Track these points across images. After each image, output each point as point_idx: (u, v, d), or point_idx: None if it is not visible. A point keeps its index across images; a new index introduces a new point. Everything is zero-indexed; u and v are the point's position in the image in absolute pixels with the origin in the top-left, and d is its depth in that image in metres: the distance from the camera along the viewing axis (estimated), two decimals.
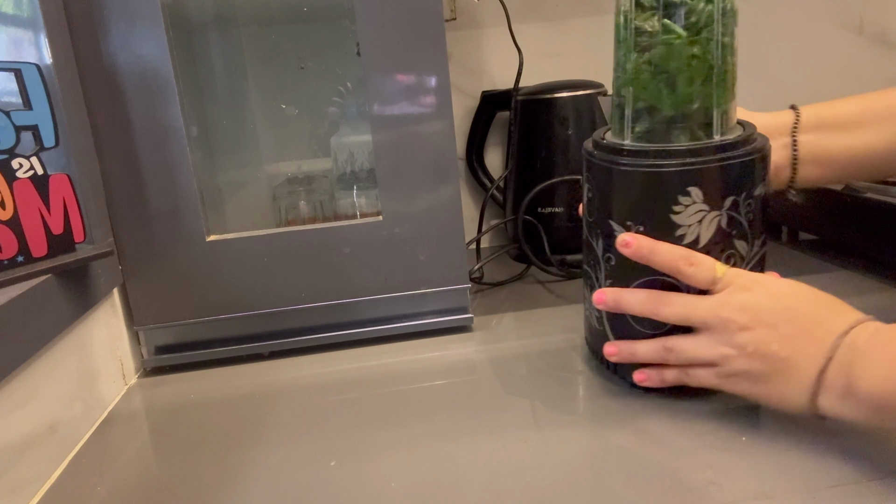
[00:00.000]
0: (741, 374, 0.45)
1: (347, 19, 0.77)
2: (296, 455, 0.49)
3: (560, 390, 0.54)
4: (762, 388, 0.44)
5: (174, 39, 0.61)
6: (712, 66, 0.46)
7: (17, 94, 0.50)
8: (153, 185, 0.63)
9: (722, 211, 0.46)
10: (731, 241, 0.47)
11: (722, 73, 0.46)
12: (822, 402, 0.41)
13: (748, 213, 0.47)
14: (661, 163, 0.46)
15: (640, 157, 0.47)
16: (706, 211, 0.46)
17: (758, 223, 0.48)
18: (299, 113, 0.84)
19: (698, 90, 0.46)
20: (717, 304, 0.45)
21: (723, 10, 0.46)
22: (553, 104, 0.85)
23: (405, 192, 0.65)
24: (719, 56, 0.46)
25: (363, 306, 0.67)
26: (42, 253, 0.51)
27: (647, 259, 0.47)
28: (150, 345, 0.67)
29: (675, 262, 0.46)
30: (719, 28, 0.45)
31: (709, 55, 0.46)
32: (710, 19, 0.45)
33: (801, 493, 0.39)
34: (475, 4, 0.97)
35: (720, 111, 0.47)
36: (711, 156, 0.45)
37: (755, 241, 0.48)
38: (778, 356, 0.43)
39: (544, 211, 0.86)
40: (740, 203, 0.46)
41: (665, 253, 0.46)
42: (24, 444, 0.47)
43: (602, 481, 0.42)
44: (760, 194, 0.47)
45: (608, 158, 0.48)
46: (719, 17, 0.45)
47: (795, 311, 0.43)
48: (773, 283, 0.45)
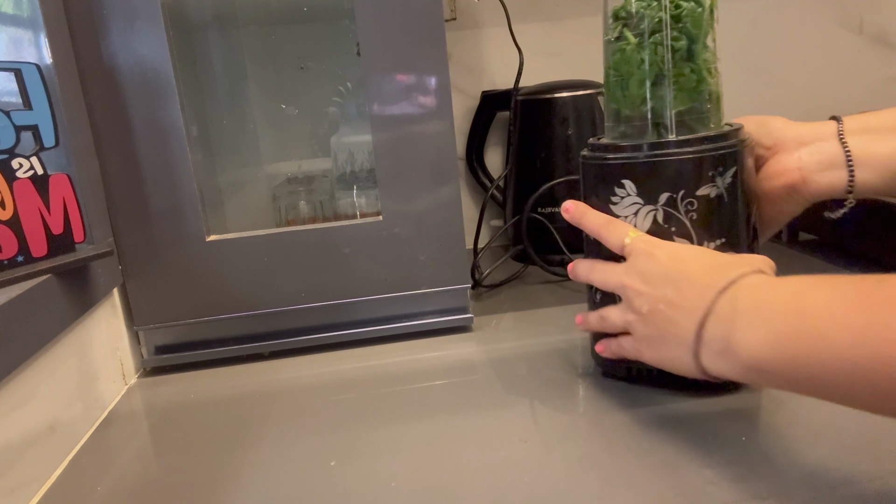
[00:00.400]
0: (644, 339, 0.46)
1: (347, 19, 0.77)
2: (296, 455, 0.49)
3: (560, 390, 0.54)
4: (660, 352, 0.45)
5: (174, 39, 0.61)
6: (662, 69, 0.48)
7: (17, 94, 0.50)
8: (153, 185, 0.63)
9: (657, 206, 0.48)
10: (671, 237, 0.49)
11: (675, 77, 0.48)
12: (703, 360, 0.41)
13: (689, 213, 0.48)
14: (606, 156, 0.50)
15: (597, 151, 0.51)
16: (640, 204, 0.49)
17: (710, 225, 0.48)
18: (299, 113, 0.84)
19: (649, 92, 0.49)
20: (623, 270, 0.47)
21: (677, 18, 0.47)
22: (553, 104, 0.85)
23: (405, 192, 0.65)
24: (669, 60, 0.48)
25: (363, 306, 0.67)
26: (42, 253, 0.51)
27: (579, 223, 0.51)
28: (150, 345, 0.67)
29: (597, 226, 0.50)
30: (668, 34, 0.47)
31: (659, 59, 0.48)
32: (658, 26, 0.48)
33: (801, 493, 0.39)
34: (475, 4, 0.97)
35: (673, 112, 0.49)
36: (644, 152, 0.48)
37: (707, 242, 0.48)
38: (664, 315, 0.43)
39: (544, 211, 0.87)
40: (678, 200, 0.48)
41: (592, 217, 0.50)
42: (24, 444, 0.47)
43: (602, 481, 0.42)
44: (709, 196, 0.47)
45: (582, 155, 0.53)
46: (668, 24, 0.47)
47: (683, 272, 0.44)
48: (677, 248, 0.46)
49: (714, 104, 0.50)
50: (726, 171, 0.48)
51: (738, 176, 0.48)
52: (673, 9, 0.47)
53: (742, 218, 0.49)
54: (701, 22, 0.48)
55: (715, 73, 0.50)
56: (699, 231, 0.48)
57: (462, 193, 0.84)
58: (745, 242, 0.50)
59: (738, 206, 0.48)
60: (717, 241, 0.48)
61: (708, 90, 0.49)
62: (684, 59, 0.48)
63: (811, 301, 0.37)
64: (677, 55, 0.48)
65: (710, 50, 0.49)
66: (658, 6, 0.47)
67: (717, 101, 0.50)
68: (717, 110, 0.50)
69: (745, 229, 0.49)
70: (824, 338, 0.35)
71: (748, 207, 0.50)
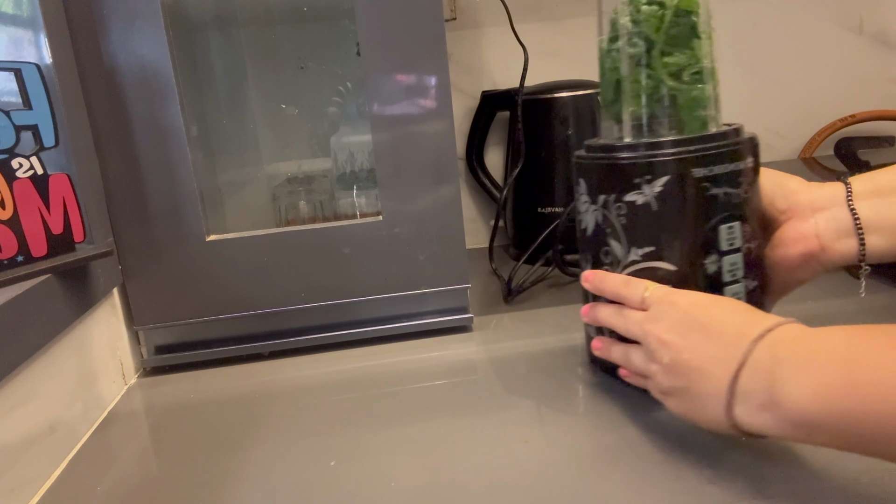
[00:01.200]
0: (668, 391, 0.44)
1: (347, 19, 0.77)
2: (295, 455, 0.49)
3: (560, 390, 0.54)
4: (686, 404, 0.42)
5: (174, 39, 0.61)
6: (619, 76, 0.49)
7: (17, 94, 0.50)
8: (153, 185, 0.63)
9: (598, 206, 0.49)
10: (606, 238, 0.49)
11: (631, 82, 0.48)
12: (738, 414, 0.38)
13: (620, 217, 0.48)
14: (576, 154, 0.52)
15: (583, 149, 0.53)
16: (588, 203, 0.50)
17: (637, 231, 0.48)
18: (299, 113, 0.84)
19: (613, 95, 0.50)
20: (644, 318, 0.46)
21: (636, 22, 0.47)
22: (553, 104, 0.85)
23: (405, 192, 0.65)
24: (626, 67, 0.48)
25: (363, 306, 0.67)
26: (42, 253, 0.51)
27: (599, 289, 0.50)
28: (150, 344, 0.67)
29: (615, 286, 0.49)
30: (626, 41, 0.48)
31: (619, 66, 0.49)
32: (620, 33, 0.48)
33: (800, 493, 0.39)
34: (475, 4, 0.97)
35: (628, 115, 0.49)
36: (590, 153, 0.50)
37: (633, 247, 0.48)
38: (690, 366, 0.41)
39: (544, 211, 0.87)
40: (610, 204, 0.48)
41: (610, 281, 0.50)
42: (23, 444, 0.47)
43: (602, 481, 0.42)
44: (635, 202, 0.47)
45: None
46: (627, 33, 0.48)
47: (710, 318, 0.42)
48: (698, 295, 0.45)
49: (684, 110, 0.48)
50: (655, 179, 0.46)
51: (675, 187, 0.46)
52: (635, 13, 0.47)
53: (684, 230, 0.47)
54: (660, 28, 0.47)
55: (693, 78, 0.48)
56: (628, 236, 0.48)
57: (462, 193, 0.84)
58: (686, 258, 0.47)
59: (672, 216, 0.47)
60: (645, 248, 0.48)
61: (671, 96, 0.48)
62: (639, 65, 0.48)
63: (862, 350, 0.34)
64: (632, 60, 0.48)
65: (685, 55, 0.47)
66: (626, 11, 0.48)
67: (689, 106, 0.48)
68: (690, 116, 0.48)
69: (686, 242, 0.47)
70: (880, 390, 0.32)
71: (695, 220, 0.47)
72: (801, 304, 0.66)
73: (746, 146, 0.48)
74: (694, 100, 0.48)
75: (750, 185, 0.48)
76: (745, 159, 0.48)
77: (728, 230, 0.47)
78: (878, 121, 1.06)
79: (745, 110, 1.03)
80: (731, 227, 0.47)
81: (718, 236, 0.47)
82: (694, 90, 0.48)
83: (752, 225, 0.49)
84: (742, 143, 0.48)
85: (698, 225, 0.47)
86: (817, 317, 0.63)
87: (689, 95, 0.48)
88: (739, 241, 0.48)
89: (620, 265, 0.49)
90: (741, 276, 0.48)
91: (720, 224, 0.47)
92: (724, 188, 0.47)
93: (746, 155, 0.48)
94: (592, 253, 0.52)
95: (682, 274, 0.48)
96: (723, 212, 0.47)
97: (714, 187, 0.46)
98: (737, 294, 0.48)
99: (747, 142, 0.48)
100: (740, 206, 0.48)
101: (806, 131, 1.08)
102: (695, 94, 0.48)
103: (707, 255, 0.47)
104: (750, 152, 0.48)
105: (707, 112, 0.48)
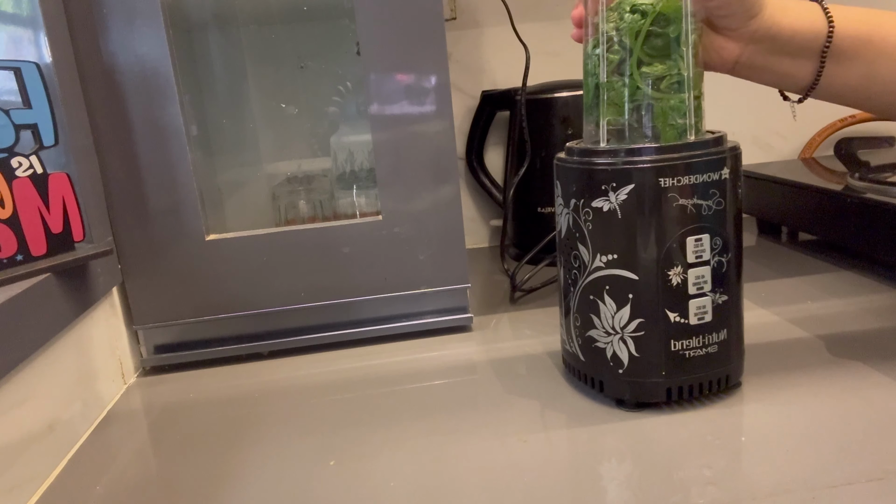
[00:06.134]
0: None
1: (347, 19, 0.77)
2: (295, 455, 0.49)
3: (560, 390, 0.54)
4: None
5: (174, 39, 0.61)
6: (598, 82, 0.49)
7: (17, 93, 0.50)
8: (153, 185, 0.63)
9: (569, 210, 0.50)
10: (575, 242, 0.49)
11: (607, 88, 0.48)
12: None
13: (587, 222, 0.48)
14: (557, 157, 0.52)
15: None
16: (563, 206, 0.51)
17: (604, 240, 0.47)
18: (299, 112, 0.84)
19: (592, 101, 0.50)
20: None
21: (618, 30, 0.47)
22: (553, 104, 0.85)
23: (405, 192, 0.65)
24: (603, 73, 0.48)
25: (363, 306, 0.67)
26: (41, 252, 0.51)
27: None
28: (150, 344, 0.67)
29: None
30: (604, 48, 0.48)
31: (598, 71, 0.49)
32: (600, 40, 0.48)
33: (800, 493, 0.39)
34: (475, 4, 0.97)
35: (604, 121, 0.49)
36: (565, 157, 0.51)
37: (598, 254, 0.48)
38: None
39: (544, 211, 0.87)
40: (580, 208, 0.49)
41: None
42: (22, 443, 0.47)
43: (602, 481, 0.42)
44: (603, 209, 0.47)
45: None
46: (608, 40, 0.48)
47: None
48: None
49: (660, 118, 0.47)
50: (620, 187, 0.46)
51: (640, 196, 0.46)
52: (618, 20, 0.47)
53: (647, 240, 0.46)
54: (637, 37, 0.46)
55: (671, 88, 0.47)
56: (593, 242, 0.48)
57: (462, 193, 0.84)
58: (649, 269, 0.46)
59: (636, 225, 0.46)
60: (609, 255, 0.47)
61: (648, 104, 0.47)
62: (616, 73, 0.48)
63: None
64: (610, 66, 0.48)
65: (665, 65, 0.47)
66: (608, 18, 0.48)
67: (664, 115, 0.47)
68: (666, 125, 0.47)
69: (649, 252, 0.46)
70: None
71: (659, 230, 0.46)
72: (802, 304, 0.66)
73: (722, 157, 0.46)
74: (671, 108, 0.47)
75: (724, 197, 0.47)
76: (720, 170, 0.46)
77: (696, 242, 0.46)
78: (878, 121, 1.06)
79: (744, 110, 1.03)
80: (699, 239, 0.46)
81: (685, 248, 0.46)
82: (672, 99, 0.47)
83: (724, 237, 0.47)
84: (716, 154, 0.46)
85: (663, 235, 0.46)
86: (817, 317, 0.63)
87: (666, 104, 0.47)
88: (708, 254, 0.47)
89: (586, 271, 0.49)
90: (708, 290, 0.47)
91: (687, 236, 0.46)
92: (693, 199, 0.46)
93: (721, 166, 0.46)
94: (564, 256, 0.52)
95: (645, 283, 0.47)
96: (690, 223, 0.46)
97: (682, 198, 0.45)
98: (703, 308, 0.47)
99: (724, 152, 0.47)
100: (710, 219, 0.46)
101: (806, 131, 1.08)
102: (672, 103, 0.47)
103: (671, 267, 0.46)
104: (726, 163, 0.46)
105: (685, 121, 0.47)
